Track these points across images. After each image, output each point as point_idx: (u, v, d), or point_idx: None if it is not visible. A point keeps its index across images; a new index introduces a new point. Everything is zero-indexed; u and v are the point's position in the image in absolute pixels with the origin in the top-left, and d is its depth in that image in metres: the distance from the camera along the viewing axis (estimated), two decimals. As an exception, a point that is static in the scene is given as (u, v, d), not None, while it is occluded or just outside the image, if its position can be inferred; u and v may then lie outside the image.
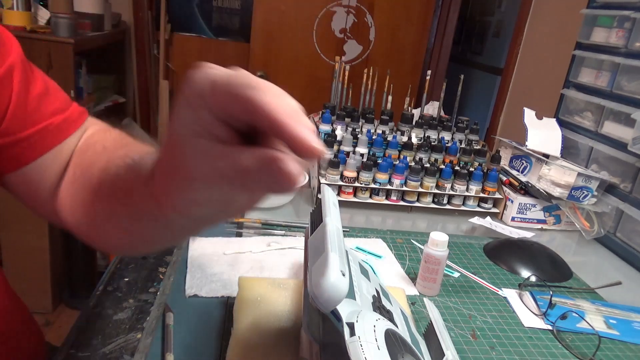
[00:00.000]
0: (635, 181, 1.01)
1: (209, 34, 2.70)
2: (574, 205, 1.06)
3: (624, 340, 0.70)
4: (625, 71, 1.06)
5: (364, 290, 0.49)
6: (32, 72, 0.52)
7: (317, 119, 1.14)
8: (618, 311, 0.77)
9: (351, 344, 0.37)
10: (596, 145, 1.11)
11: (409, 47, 2.57)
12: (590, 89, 1.17)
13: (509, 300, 0.76)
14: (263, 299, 0.64)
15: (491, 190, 1.09)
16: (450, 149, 1.11)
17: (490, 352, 0.63)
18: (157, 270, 0.72)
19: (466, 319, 0.70)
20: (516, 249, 0.91)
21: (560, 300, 0.76)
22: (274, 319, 0.60)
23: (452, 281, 0.80)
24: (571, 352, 0.66)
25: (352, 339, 0.37)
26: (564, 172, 1.03)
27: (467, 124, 1.19)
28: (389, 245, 0.89)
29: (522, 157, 1.14)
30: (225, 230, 0.87)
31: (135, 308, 0.63)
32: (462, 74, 1.21)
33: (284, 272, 0.75)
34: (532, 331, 0.69)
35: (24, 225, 1.73)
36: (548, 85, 1.93)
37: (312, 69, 2.51)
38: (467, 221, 1.03)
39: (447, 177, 1.06)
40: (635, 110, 0.99)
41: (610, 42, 1.11)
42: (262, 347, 0.55)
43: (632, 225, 1.00)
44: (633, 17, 1.04)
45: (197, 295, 0.67)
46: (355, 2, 2.45)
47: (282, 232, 0.89)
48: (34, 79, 0.52)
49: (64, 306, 1.94)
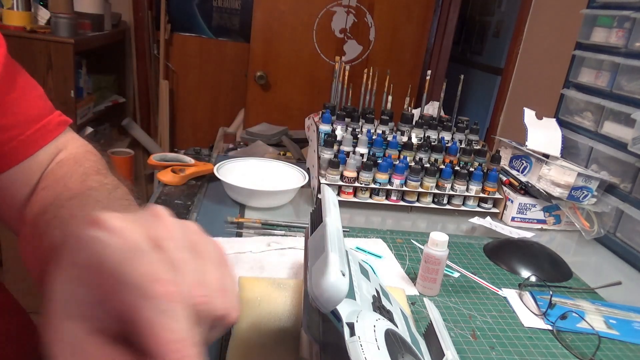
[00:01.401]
0: (635, 181, 1.01)
1: (209, 34, 2.70)
2: (574, 205, 1.06)
3: (624, 340, 0.70)
4: (625, 71, 1.06)
5: (364, 290, 0.49)
6: (14, 74, 0.50)
7: (317, 119, 1.14)
8: (618, 311, 0.77)
9: (351, 344, 0.37)
10: (596, 145, 1.11)
11: (409, 47, 2.57)
12: (590, 89, 1.17)
13: (509, 300, 0.76)
14: (263, 299, 0.64)
15: (491, 190, 1.09)
16: (450, 149, 1.11)
17: (490, 352, 0.63)
18: (157, 270, 0.72)
19: (466, 319, 0.70)
20: (516, 249, 0.91)
21: (560, 300, 0.76)
22: (274, 319, 0.60)
23: (452, 281, 0.80)
24: (571, 352, 0.66)
25: (352, 339, 0.37)
26: (564, 172, 1.03)
27: (467, 124, 1.19)
28: (389, 245, 0.89)
29: (522, 157, 1.14)
30: (225, 230, 0.87)
31: (135, 308, 0.63)
32: (462, 74, 1.21)
33: (284, 272, 0.75)
34: (532, 331, 0.69)
35: (24, 225, 1.72)
36: (548, 85, 1.93)
37: (312, 69, 2.51)
38: (467, 221, 1.03)
39: (447, 177, 1.06)
40: (635, 110, 0.99)
41: (610, 42, 1.11)
42: (262, 347, 0.55)
43: (632, 225, 1.00)
44: (633, 17, 1.04)
45: (197, 295, 0.66)
46: (355, 2, 2.45)
47: (282, 232, 0.89)
48: (14, 82, 0.50)
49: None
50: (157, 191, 1.02)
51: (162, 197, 0.99)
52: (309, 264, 0.44)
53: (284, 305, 0.63)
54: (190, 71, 2.74)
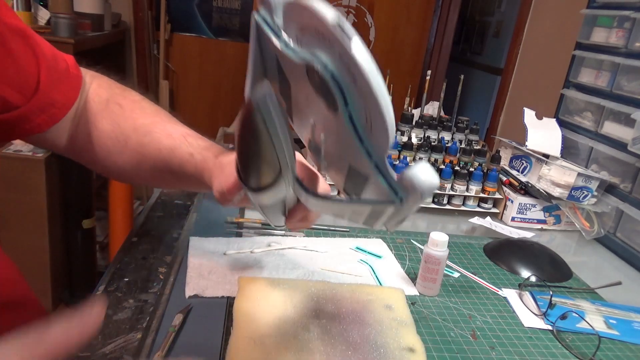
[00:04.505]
0: (635, 181, 1.01)
1: (209, 34, 2.70)
2: (574, 205, 1.06)
3: (624, 340, 0.70)
4: (625, 71, 1.06)
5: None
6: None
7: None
8: (618, 311, 0.77)
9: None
10: (596, 145, 1.11)
11: (409, 47, 2.57)
12: (590, 89, 1.17)
13: (509, 300, 0.76)
14: (263, 299, 0.64)
15: (491, 191, 1.09)
16: (450, 149, 1.11)
17: (490, 352, 0.63)
18: (157, 270, 0.72)
19: (466, 319, 0.70)
20: (516, 249, 0.91)
21: (560, 300, 0.76)
22: (274, 318, 0.60)
23: (452, 281, 0.80)
24: (571, 352, 0.66)
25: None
26: (564, 172, 1.03)
27: (467, 124, 1.19)
28: (389, 245, 0.89)
29: (522, 157, 1.14)
30: (225, 230, 0.87)
31: (135, 308, 0.63)
32: (462, 74, 1.21)
33: (284, 272, 0.75)
34: (532, 331, 0.69)
35: (24, 225, 1.72)
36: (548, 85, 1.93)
37: (312, 69, 2.51)
38: (467, 221, 1.03)
39: (447, 177, 1.06)
40: (635, 110, 0.99)
41: (610, 42, 1.11)
42: (262, 347, 0.55)
43: (632, 225, 1.00)
44: (633, 17, 1.04)
45: (197, 295, 0.66)
46: (355, 2, 2.46)
47: (282, 232, 0.89)
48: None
49: (64, 306, 1.94)
50: (157, 191, 1.02)
51: (162, 198, 0.99)
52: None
53: (284, 305, 0.63)
54: (190, 71, 2.74)
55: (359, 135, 0.36)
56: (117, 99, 0.61)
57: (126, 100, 0.61)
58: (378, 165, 0.37)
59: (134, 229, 0.84)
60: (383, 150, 0.36)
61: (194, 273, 0.71)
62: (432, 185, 0.35)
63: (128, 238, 0.80)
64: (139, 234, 0.82)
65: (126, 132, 0.59)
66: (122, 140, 0.59)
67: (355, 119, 0.35)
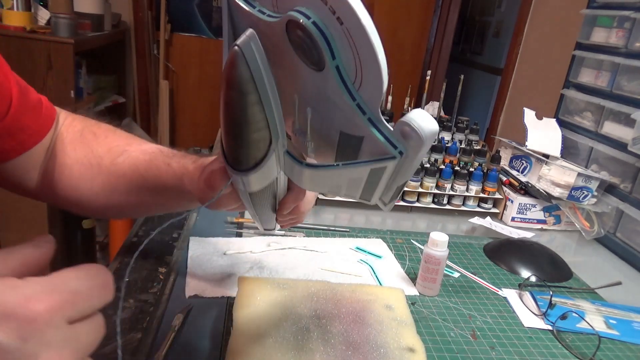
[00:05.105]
0: (635, 181, 1.01)
1: (209, 34, 2.70)
2: (574, 205, 1.06)
3: (624, 340, 0.70)
4: (625, 71, 1.06)
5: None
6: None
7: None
8: (618, 311, 0.77)
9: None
10: (596, 145, 1.11)
11: (409, 47, 2.57)
12: (590, 89, 1.17)
13: (509, 300, 0.76)
14: (263, 299, 0.64)
15: (491, 191, 1.09)
16: (450, 149, 1.11)
17: (490, 352, 0.63)
18: (157, 270, 0.72)
19: (466, 319, 0.70)
20: (516, 249, 0.91)
21: (560, 300, 0.76)
22: (274, 318, 0.60)
23: (452, 281, 0.80)
24: (571, 352, 0.66)
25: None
26: (564, 172, 1.03)
27: (467, 124, 1.19)
28: (389, 246, 0.89)
29: (522, 157, 1.14)
30: (226, 230, 0.87)
31: (135, 308, 0.63)
32: (462, 74, 1.21)
33: (284, 272, 0.75)
34: (532, 331, 0.69)
35: (24, 225, 1.72)
36: (548, 85, 1.93)
37: (312, 69, 2.51)
38: (467, 221, 1.03)
39: (447, 177, 1.06)
40: (635, 110, 0.99)
41: (610, 42, 1.11)
42: (262, 347, 0.55)
43: (632, 225, 1.00)
44: (633, 17, 1.04)
45: (197, 295, 0.67)
46: (355, 2, 2.46)
47: (282, 232, 0.89)
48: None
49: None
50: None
51: (162, 197, 0.99)
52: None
53: (284, 305, 0.63)
54: (190, 71, 2.74)
55: (349, 90, 0.34)
56: (92, 128, 0.60)
57: (100, 129, 0.60)
58: (372, 120, 0.35)
59: (134, 229, 0.84)
60: (376, 102, 0.34)
61: (194, 273, 0.71)
62: (432, 130, 0.33)
63: (128, 238, 0.81)
64: (139, 234, 0.82)
65: (100, 155, 0.57)
66: (95, 164, 0.57)
67: (344, 73, 0.33)
